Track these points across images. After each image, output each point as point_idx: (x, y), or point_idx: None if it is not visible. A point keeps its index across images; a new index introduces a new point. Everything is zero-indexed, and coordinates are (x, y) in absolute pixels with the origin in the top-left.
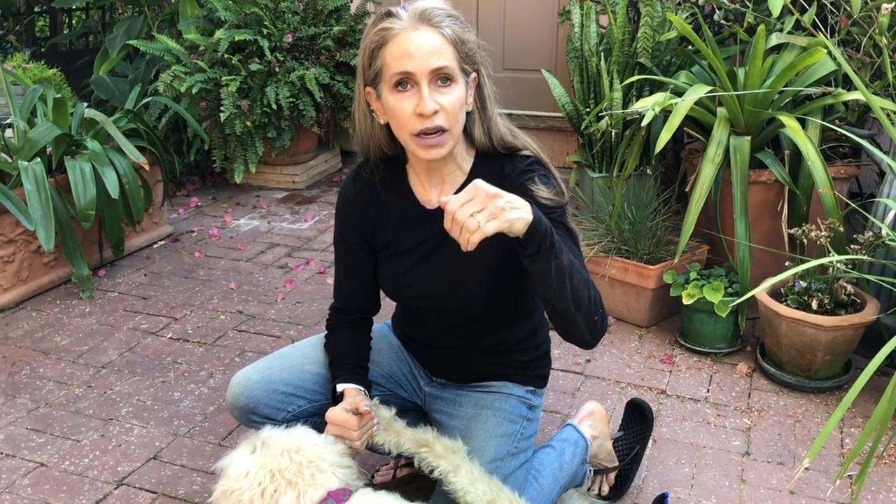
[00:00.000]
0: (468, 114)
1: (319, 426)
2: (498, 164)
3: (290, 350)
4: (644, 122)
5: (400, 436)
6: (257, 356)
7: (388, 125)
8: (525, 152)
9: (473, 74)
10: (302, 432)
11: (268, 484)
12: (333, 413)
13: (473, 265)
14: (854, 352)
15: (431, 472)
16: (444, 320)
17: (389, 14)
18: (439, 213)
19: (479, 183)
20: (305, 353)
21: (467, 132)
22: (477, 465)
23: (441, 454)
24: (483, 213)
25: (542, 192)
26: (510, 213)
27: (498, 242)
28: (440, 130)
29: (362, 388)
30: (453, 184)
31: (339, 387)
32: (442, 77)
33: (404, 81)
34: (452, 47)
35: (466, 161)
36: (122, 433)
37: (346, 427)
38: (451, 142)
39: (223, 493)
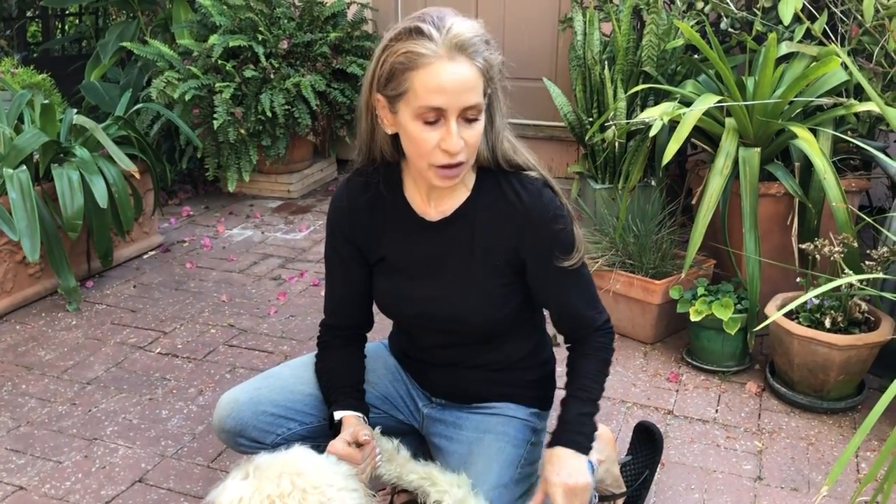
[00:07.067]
0: None
1: (313, 449)
2: (499, 190)
3: (281, 370)
4: (652, 133)
5: (403, 468)
6: (249, 372)
7: (393, 135)
8: (531, 173)
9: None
10: (301, 453)
11: None
12: (335, 447)
13: (476, 281)
14: (867, 371)
15: None
16: (443, 338)
17: (420, 33)
18: (440, 225)
19: (574, 490)
20: (297, 374)
21: None
22: (482, 499)
23: (445, 488)
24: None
25: (562, 262)
26: (582, 479)
27: (499, 260)
28: (459, 164)
29: (361, 415)
30: (456, 197)
31: (337, 414)
32: (471, 114)
33: (431, 115)
34: (483, 78)
35: (469, 176)
36: (106, 454)
37: (349, 461)
38: (465, 171)
39: None
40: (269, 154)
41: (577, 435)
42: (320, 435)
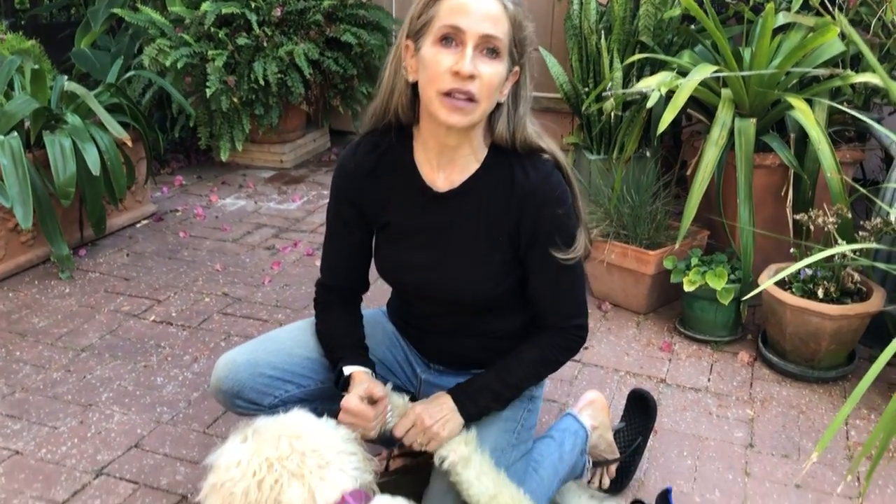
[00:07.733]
0: (498, 105)
1: (310, 412)
2: (509, 167)
3: (278, 333)
4: (649, 105)
5: None
6: (243, 340)
7: (412, 88)
8: (545, 156)
9: (517, 68)
10: (299, 416)
11: (265, 474)
12: (350, 402)
13: (478, 254)
14: (858, 341)
15: (442, 462)
16: (441, 307)
17: None
18: (448, 196)
19: (421, 414)
20: (294, 337)
21: (490, 122)
22: (486, 456)
23: (452, 446)
24: (423, 438)
25: (553, 252)
26: (444, 430)
27: (502, 235)
28: (470, 98)
29: (369, 371)
30: (466, 169)
31: (347, 370)
32: (490, 48)
33: (450, 37)
34: (510, 24)
35: (481, 150)
36: (101, 420)
37: (362, 417)
38: (475, 115)
39: (213, 488)
40: (262, 123)
41: (468, 398)
42: (318, 398)
